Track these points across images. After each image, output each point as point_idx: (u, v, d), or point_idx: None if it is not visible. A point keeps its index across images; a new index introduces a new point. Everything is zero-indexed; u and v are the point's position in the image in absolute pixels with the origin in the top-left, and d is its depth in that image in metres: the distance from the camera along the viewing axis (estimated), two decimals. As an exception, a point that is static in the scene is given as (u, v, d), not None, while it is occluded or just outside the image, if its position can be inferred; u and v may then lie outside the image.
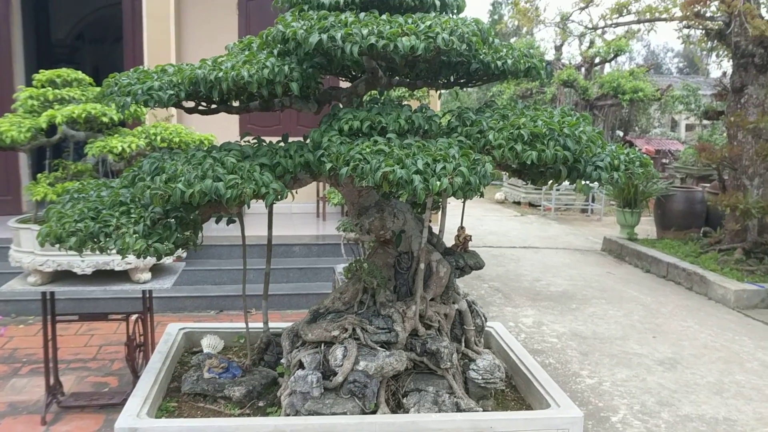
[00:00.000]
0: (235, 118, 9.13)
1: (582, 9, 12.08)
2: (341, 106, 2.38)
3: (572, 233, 13.30)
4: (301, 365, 2.39)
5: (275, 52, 2.22)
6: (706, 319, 7.53)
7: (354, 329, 2.37)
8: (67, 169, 4.46)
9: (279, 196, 2.00)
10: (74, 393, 4.94)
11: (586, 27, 13.11)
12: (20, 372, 5.38)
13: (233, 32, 9.69)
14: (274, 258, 7.79)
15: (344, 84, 2.70)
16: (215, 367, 2.52)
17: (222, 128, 7.05)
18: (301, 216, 9.73)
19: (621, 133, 21.20)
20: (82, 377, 5.33)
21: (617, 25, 12.58)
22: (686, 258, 9.54)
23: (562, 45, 22.37)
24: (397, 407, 2.39)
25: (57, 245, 2.04)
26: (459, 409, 2.29)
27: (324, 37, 1.95)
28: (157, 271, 4.82)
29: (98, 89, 4.59)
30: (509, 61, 2.31)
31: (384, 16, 2.05)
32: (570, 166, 2.17)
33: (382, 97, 2.28)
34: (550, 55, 23.19)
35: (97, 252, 2.03)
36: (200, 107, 2.38)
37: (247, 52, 2.22)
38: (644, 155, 2.31)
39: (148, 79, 2.16)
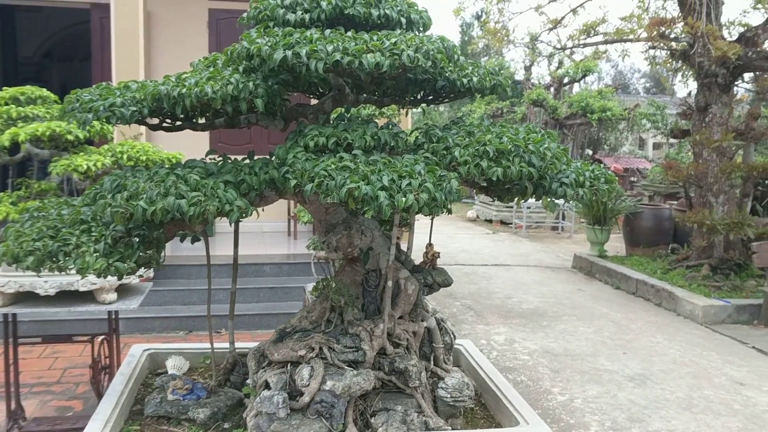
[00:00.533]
0: (205, 136, 9.07)
1: (550, 30, 12.28)
2: (307, 122, 2.37)
3: (543, 251, 13.39)
4: (267, 386, 2.34)
5: (240, 68, 2.20)
6: (675, 334, 7.61)
7: (321, 348, 2.34)
8: (30, 188, 4.37)
9: (243, 214, 1.97)
10: (36, 418, 4.81)
11: (554, 47, 13.33)
12: (-21, 397, 5.23)
13: (204, 51, 9.66)
14: (244, 277, 7.71)
15: (314, 101, 2.70)
16: (179, 389, 2.46)
17: (192, 147, 6.97)
18: (272, 235, 9.66)
19: (590, 152, 21.49)
20: (45, 401, 5.20)
21: (585, 45, 12.82)
22: (655, 274, 9.66)
23: (531, 65, 22.68)
24: (366, 427, 2.36)
25: (14, 265, 1.98)
26: (428, 428, 2.27)
27: (289, 53, 1.94)
28: (123, 291, 4.73)
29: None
30: (475, 79, 2.32)
31: (349, 33, 2.05)
32: (536, 183, 2.18)
33: (349, 114, 2.27)
34: (519, 75, 23.50)
35: (56, 272, 1.98)
36: (164, 124, 2.35)
37: (212, 69, 2.20)
38: (609, 172, 2.33)
39: (110, 95, 2.13)
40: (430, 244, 2.83)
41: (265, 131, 9.30)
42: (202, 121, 2.40)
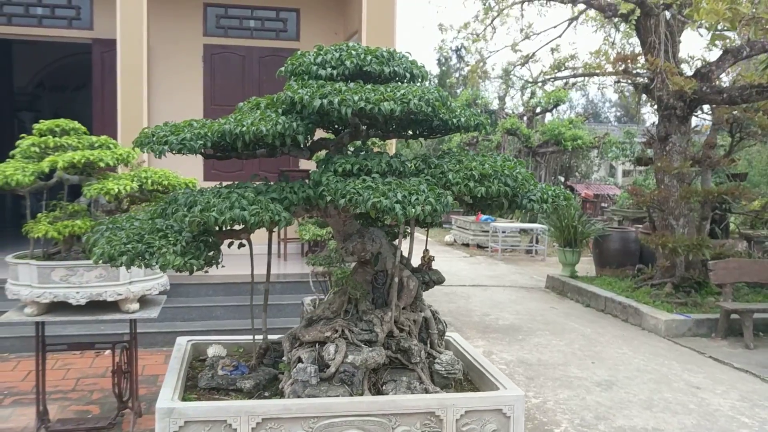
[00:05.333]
0: (200, 163, 9.62)
1: (522, 64, 13.10)
2: (331, 153, 2.99)
3: (518, 272, 14.07)
4: (300, 361, 2.93)
5: (280, 111, 2.82)
6: (640, 346, 8.28)
7: (343, 330, 2.94)
8: (64, 209, 4.91)
9: (289, 223, 2.58)
10: (60, 419, 5.26)
11: (526, 81, 14.17)
12: (3, 403, 5.65)
13: (198, 83, 10.28)
14: (239, 295, 8.25)
15: (328, 135, 3.32)
16: (227, 366, 3.04)
17: (187, 172, 7.56)
18: (264, 257, 10.16)
19: (562, 178, 22.32)
20: (64, 406, 5.65)
21: (555, 79, 13.66)
22: (622, 293, 10.36)
23: (505, 96, 23.52)
24: (378, 394, 2.96)
25: (109, 263, 2.55)
26: (426, 392, 2.88)
27: (324, 101, 2.56)
28: (143, 302, 5.27)
29: (93, 138, 5.12)
30: (462, 119, 2.97)
31: (369, 86, 2.69)
32: (510, 200, 2.82)
33: (366, 146, 2.90)
34: (494, 105, 24.33)
35: (143, 266, 2.56)
36: (218, 154, 2.96)
37: (258, 111, 2.82)
38: (567, 192, 2.98)
39: (179, 132, 2.73)
40: (426, 250, 3.45)
41: (255, 160, 9.89)
42: (246, 152, 3.01)
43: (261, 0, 10.47)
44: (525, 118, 22.55)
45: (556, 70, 13.24)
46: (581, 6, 11.89)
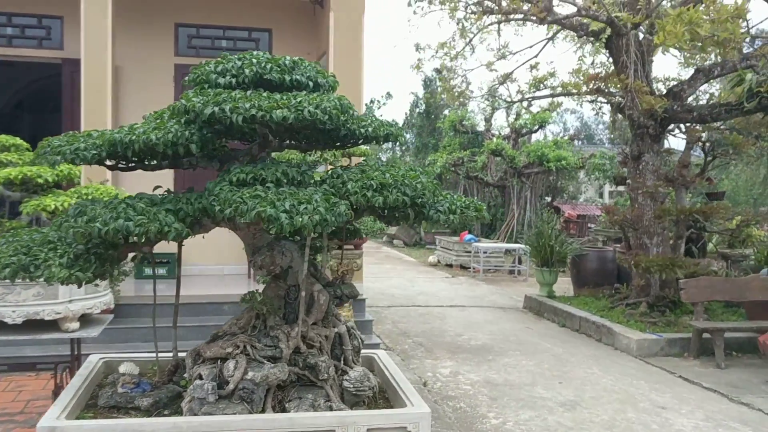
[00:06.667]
0: (171, 179, 9.54)
1: (500, 84, 13.11)
2: (238, 164, 2.93)
3: (498, 293, 13.97)
4: (200, 377, 2.84)
5: (182, 121, 2.76)
6: (610, 366, 8.17)
7: (245, 346, 2.85)
8: (2, 226, 4.84)
9: (180, 235, 2.50)
10: (0, 443, 5.14)
11: (505, 100, 14.18)
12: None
13: (170, 102, 10.23)
14: (204, 315, 8.15)
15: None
16: (128, 383, 2.95)
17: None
18: (233, 277, 10.09)
19: (548, 199, 22.30)
20: (8, 429, 5.52)
21: (533, 98, 13.67)
22: (597, 312, 10.27)
23: (491, 116, 23.58)
24: (282, 412, 2.86)
25: (-6, 276, 2.47)
26: (330, 410, 2.78)
27: (216, 109, 2.50)
28: (85, 321, 5.17)
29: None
30: (370, 129, 2.91)
31: (265, 93, 2.63)
32: (417, 210, 2.75)
33: (269, 156, 2.84)
34: (481, 126, 24.38)
35: (28, 280, 2.48)
36: (120, 165, 2.89)
37: (158, 121, 2.76)
38: (479, 203, 2.91)
39: (75, 141, 2.67)
40: (340, 263, 3.37)
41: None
42: (152, 163, 2.94)
43: (233, 20, 10.47)
44: (511, 139, 22.58)
45: (534, 89, 13.26)
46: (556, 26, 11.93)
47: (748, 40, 8.95)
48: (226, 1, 10.40)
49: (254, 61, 2.82)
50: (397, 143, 3.17)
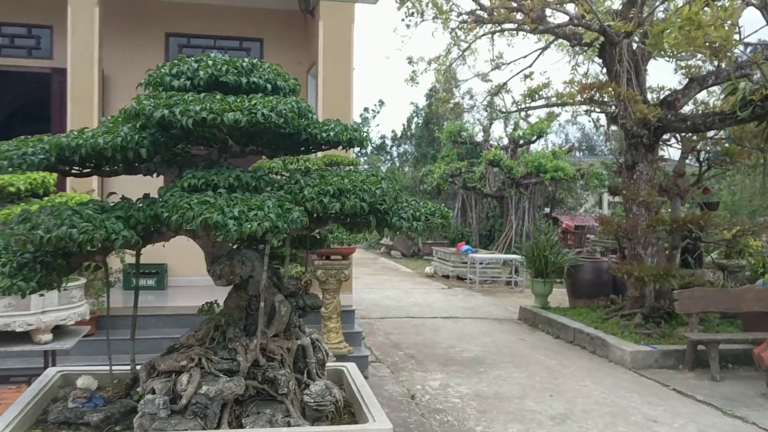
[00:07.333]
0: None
1: (494, 94, 13.04)
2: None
3: (494, 304, 13.84)
4: (153, 391, 2.73)
5: (137, 125, 2.66)
6: (603, 378, 8.03)
7: (200, 359, 2.74)
8: (-26, 236, 4.74)
9: (128, 243, 2.40)
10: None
11: (500, 111, 14.11)
12: None
13: (161, 113, 10.16)
14: (185, 327, 8.02)
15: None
16: (79, 397, 2.84)
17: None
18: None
19: (547, 209, 22.20)
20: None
21: (528, 108, 13.60)
22: (592, 324, 10.13)
23: (489, 127, 23.51)
24: (239, 427, 2.74)
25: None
26: (289, 426, 2.66)
27: (166, 112, 2.41)
28: (59, 333, 5.06)
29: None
30: (332, 133, 2.82)
31: (218, 96, 2.54)
32: (379, 217, 2.65)
33: (225, 162, 2.74)
34: (479, 137, 24.31)
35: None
36: (73, 171, 2.80)
37: (111, 125, 2.66)
38: (445, 210, 2.81)
39: (24, 146, 2.58)
40: (303, 272, 3.27)
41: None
42: (107, 169, 2.84)
43: (224, 30, 10.43)
44: (509, 149, 22.51)
45: (529, 99, 13.18)
46: (551, 35, 11.86)
47: (741, 48, 8.86)
48: (218, 11, 10.36)
49: (210, 63, 2.73)
50: (363, 149, 3.05)
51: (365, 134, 2.94)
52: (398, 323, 11.47)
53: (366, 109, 35.35)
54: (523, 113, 20.20)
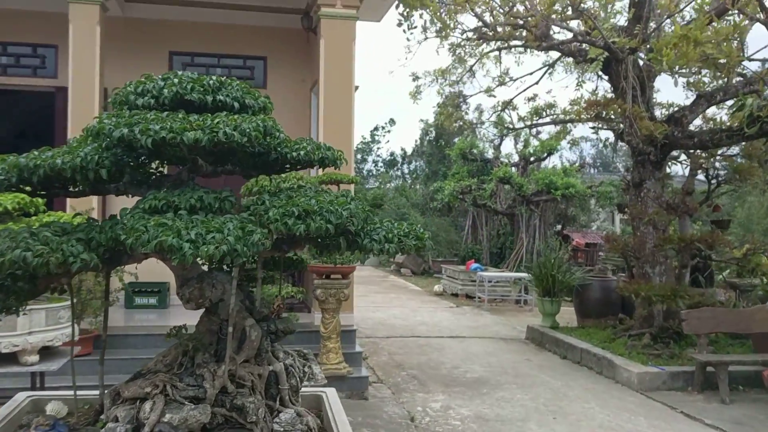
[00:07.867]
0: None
1: (500, 111, 12.96)
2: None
3: (501, 323, 13.65)
4: (116, 419, 2.64)
5: (103, 144, 2.60)
6: (609, 400, 7.85)
7: (165, 386, 2.65)
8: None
9: (88, 266, 2.33)
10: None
11: (507, 127, 14.02)
12: None
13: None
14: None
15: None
16: (42, 425, 2.76)
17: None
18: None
19: (559, 227, 21.99)
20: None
21: (534, 125, 13.49)
22: (599, 344, 9.93)
23: (500, 144, 23.40)
24: (205, 457, 2.65)
25: None
26: (254, 456, 2.57)
27: (126, 131, 2.34)
28: (47, 354, 5.00)
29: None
30: (302, 152, 2.74)
31: (180, 115, 2.47)
32: (350, 239, 2.56)
33: (192, 182, 2.67)
34: (489, 154, 24.21)
35: None
36: (39, 192, 2.74)
37: (75, 145, 2.60)
38: (422, 231, 2.71)
39: (-15, 166, 2.52)
40: (278, 296, 3.18)
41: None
42: (74, 189, 2.78)
43: (228, 48, 10.45)
44: (520, 166, 22.38)
45: (536, 116, 13.09)
46: (557, 53, 11.78)
47: (746, 64, 8.73)
48: (221, 29, 10.39)
49: (176, 81, 2.67)
50: (340, 167, 2.95)
51: (339, 153, 2.86)
52: (403, 343, 11.32)
53: (376, 128, 35.32)
54: (533, 130, 20.05)
